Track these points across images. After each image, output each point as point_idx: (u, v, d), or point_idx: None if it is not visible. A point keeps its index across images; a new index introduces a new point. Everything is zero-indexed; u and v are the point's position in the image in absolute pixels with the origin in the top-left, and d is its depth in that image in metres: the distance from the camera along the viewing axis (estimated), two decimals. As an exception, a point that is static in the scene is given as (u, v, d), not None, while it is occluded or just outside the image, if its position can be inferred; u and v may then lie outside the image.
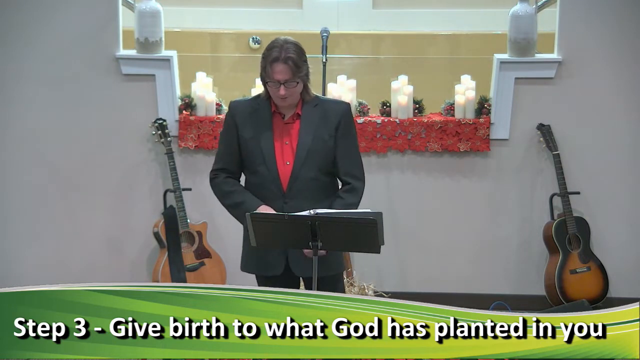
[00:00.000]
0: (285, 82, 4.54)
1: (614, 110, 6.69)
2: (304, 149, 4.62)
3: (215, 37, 6.96)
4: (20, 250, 6.82)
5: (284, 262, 4.69)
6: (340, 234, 4.37)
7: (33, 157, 6.75)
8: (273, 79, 4.55)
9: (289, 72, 4.53)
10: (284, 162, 4.64)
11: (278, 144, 4.65)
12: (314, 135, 4.62)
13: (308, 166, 4.62)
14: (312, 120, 4.64)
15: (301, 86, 4.61)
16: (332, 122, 4.63)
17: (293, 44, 4.58)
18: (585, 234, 6.69)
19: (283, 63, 4.52)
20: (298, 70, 4.55)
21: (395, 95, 6.67)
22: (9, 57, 6.64)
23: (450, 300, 6.82)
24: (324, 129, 4.63)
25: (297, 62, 4.54)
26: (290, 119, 4.66)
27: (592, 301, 6.43)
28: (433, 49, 6.95)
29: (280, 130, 4.66)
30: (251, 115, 4.68)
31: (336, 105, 4.69)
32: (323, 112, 4.64)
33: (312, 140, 4.62)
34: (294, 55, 4.54)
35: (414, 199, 6.80)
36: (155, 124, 6.64)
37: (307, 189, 4.63)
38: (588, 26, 6.61)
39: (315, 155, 4.62)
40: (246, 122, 4.67)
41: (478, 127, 6.67)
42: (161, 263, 6.60)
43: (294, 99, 4.62)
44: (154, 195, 6.77)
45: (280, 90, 4.55)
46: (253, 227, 4.42)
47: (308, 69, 4.63)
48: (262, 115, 4.67)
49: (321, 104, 4.67)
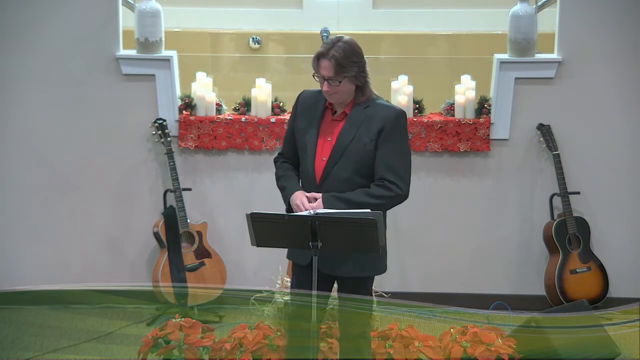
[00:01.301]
0: (328, 78, 4.57)
1: (614, 110, 6.69)
2: (341, 148, 4.63)
3: (215, 37, 6.95)
4: (20, 250, 6.82)
5: (310, 255, 4.66)
6: (340, 234, 4.37)
7: (33, 157, 6.75)
8: (318, 73, 4.62)
9: (331, 70, 4.57)
10: (321, 157, 4.67)
11: (321, 139, 4.68)
12: (354, 136, 4.63)
13: (342, 165, 4.62)
14: (356, 122, 4.64)
15: (348, 86, 4.61)
16: (375, 126, 4.62)
17: (345, 43, 4.61)
18: (585, 234, 6.69)
19: (327, 60, 4.58)
20: (341, 70, 4.57)
21: (395, 95, 6.67)
22: (9, 57, 6.64)
23: (450, 300, 6.83)
24: (365, 132, 4.62)
25: (341, 61, 4.56)
26: (338, 116, 4.69)
27: (592, 301, 6.43)
28: (433, 49, 6.95)
29: (327, 126, 4.70)
30: (309, 107, 4.74)
31: (385, 110, 4.65)
32: (371, 115, 4.64)
33: (351, 141, 4.63)
34: (338, 54, 4.56)
35: (414, 199, 6.76)
36: (155, 124, 6.64)
37: (339, 187, 4.63)
38: (588, 26, 6.61)
39: (350, 156, 4.62)
40: (304, 112, 4.75)
41: (478, 127, 6.67)
42: (161, 263, 6.60)
43: (340, 97, 4.64)
44: (154, 195, 6.77)
45: (324, 86, 4.61)
46: (253, 227, 4.42)
47: (362, 70, 4.62)
48: (317, 108, 4.72)
49: (373, 106, 4.66)
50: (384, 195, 4.60)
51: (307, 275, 4.68)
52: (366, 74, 4.65)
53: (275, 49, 6.95)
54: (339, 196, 4.57)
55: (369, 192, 4.60)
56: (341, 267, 4.65)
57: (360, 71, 4.62)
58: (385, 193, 4.60)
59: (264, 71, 6.85)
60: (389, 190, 4.61)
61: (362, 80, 4.64)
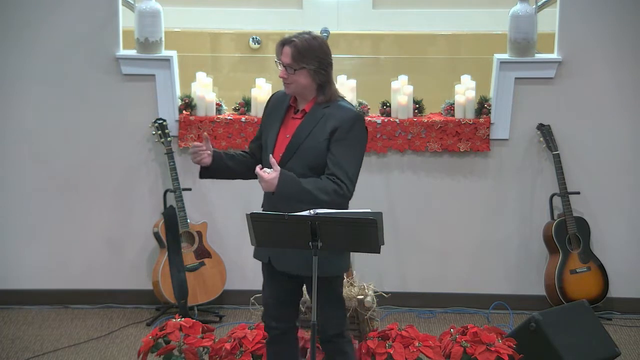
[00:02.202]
0: (286, 65, 4.62)
1: (614, 110, 6.69)
2: (295, 144, 4.67)
3: (215, 37, 6.95)
4: (20, 250, 6.82)
5: (268, 254, 4.76)
6: (340, 234, 4.37)
7: (33, 157, 6.75)
8: (279, 59, 4.66)
9: (289, 57, 4.61)
10: (278, 154, 4.70)
11: (281, 135, 4.72)
12: (309, 133, 4.65)
13: (296, 162, 4.65)
14: (313, 120, 4.67)
15: (306, 79, 4.63)
16: (330, 125, 4.64)
17: (312, 38, 4.64)
18: (585, 234, 6.69)
19: (288, 46, 4.62)
20: (299, 59, 4.59)
21: (395, 95, 6.67)
22: (8, 57, 6.64)
23: (450, 300, 6.84)
24: (320, 131, 4.65)
25: (301, 50, 4.59)
26: (299, 114, 4.73)
27: (592, 301, 6.43)
28: (433, 49, 6.95)
29: (287, 124, 4.74)
30: (276, 106, 4.80)
31: (342, 112, 4.67)
32: (328, 115, 4.66)
33: (306, 138, 4.65)
34: (300, 43, 4.60)
35: (414, 199, 6.80)
36: (155, 124, 6.64)
37: None
38: (588, 26, 6.61)
39: (304, 152, 4.65)
40: (271, 111, 4.82)
41: (478, 127, 6.67)
42: (161, 263, 6.60)
43: (296, 89, 4.67)
44: (154, 195, 6.77)
45: (281, 72, 4.65)
46: (253, 227, 4.43)
47: (323, 68, 4.64)
48: (282, 107, 4.78)
49: (333, 107, 4.68)
50: (333, 190, 4.58)
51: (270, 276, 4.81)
52: (328, 74, 4.66)
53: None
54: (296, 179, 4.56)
55: (321, 185, 4.57)
56: (304, 267, 4.65)
57: (320, 68, 4.63)
58: (335, 187, 4.58)
59: (264, 71, 6.85)
60: (337, 185, 4.59)
61: (322, 79, 4.65)
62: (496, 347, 5.35)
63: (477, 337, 5.39)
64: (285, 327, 4.88)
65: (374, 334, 5.47)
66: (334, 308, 4.80)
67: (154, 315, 6.68)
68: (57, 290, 6.84)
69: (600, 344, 5.68)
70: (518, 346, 5.46)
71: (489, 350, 5.33)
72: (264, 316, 4.93)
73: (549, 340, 5.51)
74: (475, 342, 5.37)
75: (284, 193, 4.53)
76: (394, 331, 5.45)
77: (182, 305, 6.49)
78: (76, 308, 6.82)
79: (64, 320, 6.63)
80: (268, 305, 4.89)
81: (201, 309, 6.67)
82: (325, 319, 4.71)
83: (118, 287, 6.86)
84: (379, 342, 5.41)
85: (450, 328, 5.54)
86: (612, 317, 6.72)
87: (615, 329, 6.55)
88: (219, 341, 5.48)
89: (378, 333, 5.48)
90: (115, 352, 6.17)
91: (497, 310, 6.76)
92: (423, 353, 5.37)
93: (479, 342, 5.37)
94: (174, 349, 5.39)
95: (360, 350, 5.43)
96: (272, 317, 4.88)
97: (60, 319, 6.66)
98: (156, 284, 6.61)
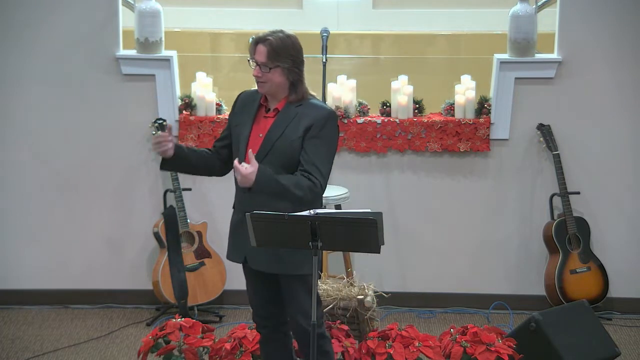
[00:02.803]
0: (260, 63, 4.61)
1: (614, 110, 6.69)
2: (269, 144, 4.66)
3: (215, 37, 6.95)
4: (20, 250, 6.82)
5: (244, 254, 4.75)
6: (340, 234, 4.37)
7: (33, 157, 6.75)
8: (253, 57, 4.64)
9: (264, 55, 4.60)
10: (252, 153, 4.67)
11: (253, 135, 4.71)
12: (282, 132, 4.65)
13: (269, 161, 4.64)
14: (286, 118, 4.67)
15: (280, 78, 4.62)
16: (304, 123, 4.64)
17: (285, 36, 4.63)
18: (585, 234, 6.69)
19: (262, 45, 4.60)
20: (275, 58, 4.59)
21: (395, 95, 6.67)
22: (9, 57, 6.64)
23: (450, 300, 6.84)
24: (294, 129, 4.65)
25: (276, 49, 4.58)
26: (271, 113, 4.72)
27: (592, 301, 6.43)
28: (433, 49, 6.94)
29: (259, 123, 4.73)
30: (246, 105, 4.78)
31: (315, 110, 4.67)
32: (301, 114, 4.66)
33: (279, 137, 4.65)
34: (275, 42, 4.59)
35: (414, 199, 6.80)
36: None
37: None
38: (588, 26, 6.61)
39: (277, 152, 4.65)
40: (241, 110, 4.79)
41: (478, 127, 6.67)
42: (161, 263, 6.60)
43: (270, 88, 4.66)
44: (154, 195, 6.77)
45: (255, 70, 4.64)
46: (253, 227, 4.42)
47: (297, 66, 4.64)
48: (252, 106, 4.76)
49: (305, 106, 4.68)
50: (309, 186, 4.60)
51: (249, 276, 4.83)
52: (300, 72, 4.66)
53: (275, 49, 6.94)
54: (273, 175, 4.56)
55: (296, 181, 4.59)
56: (278, 265, 4.68)
57: (294, 66, 4.63)
58: (310, 184, 4.60)
59: (264, 71, 6.84)
60: (312, 183, 4.61)
61: (295, 77, 4.65)
62: (496, 347, 5.35)
63: (477, 337, 5.39)
64: (275, 325, 4.87)
65: (374, 334, 5.47)
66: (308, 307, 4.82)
67: (154, 315, 6.68)
68: (57, 290, 6.84)
69: (600, 344, 5.68)
70: (518, 346, 5.46)
71: (489, 350, 5.33)
72: (253, 316, 4.94)
73: (549, 340, 5.51)
74: (475, 342, 5.37)
75: (261, 188, 4.53)
76: (394, 331, 5.45)
77: (182, 305, 6.49)
78: (76, 308, 6.82)
79: (64, 320, 6.63)
80: (254, 304, 4.89)
81: (201, 309, 6.67)
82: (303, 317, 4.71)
83: (118, 287, 6.86)
84: (379, 342, 5.41)
85: (450, 328, 5.55)
86: (612, 317, 6.72)
87: (615, 329, 6.55)
88: (219, 341, 5.48)
89: (378, 333, 5.48)
90: (115, 352, 6.17)
91: (497, 310, 6.76)
92: (423, 353, 5.37)
93: (479, 342, 5.37)
94: (174, 349, 5.40)
95: (360, 351, 5.43)
96: (260, 316, 4.89)
97: (60, 319, 6.66)
98: (156, 284, 6.61)
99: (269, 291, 4.83)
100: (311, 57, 6.70)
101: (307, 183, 4.60)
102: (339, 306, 5.58)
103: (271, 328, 4.89)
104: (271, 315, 4.87)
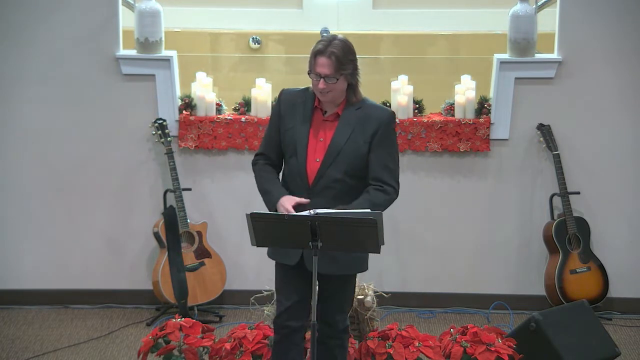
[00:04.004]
0: (325, 76, 4.56)
1: (614, 110, 6.69)
2: (336, 149, 4.64)
3: (215, 37, 6.95)
4: (20, 250, 6.82)
5: (299, 255, 4.71)
6: (340, 234, 4.37)
7: (33, 157, 6.75)
8: (315, 71, 4.59)
9: (330, 67, 4.56)
10: (314, 159, 4.67)
11: (313, 139, 4.68)
12: (349, 137, 4.64)
13: (336, 166, 4.64)
14: (350, 123, 4.65)
15: (344, 84, 4.63)
16: (370, 128, 4.64)
17: (341, 41, 4.61)
18: (585, 234, 6.69)
19: (326, 57, 4.56)
20: (340, 67, 4.57)
21: (395, 95, 6.67)
22: (9, 57, 6.64)
23: (450, 300, 6.84)
24: (360, 133, 4.64)
25: (340, 58, 4.56)
26: (330, 116, 4.69)
27: (592, 301, 6.43)
28: (433, 49, 6.94)
29: (318, 126, 4.69)
30: (295, 107, 4.72)
31: (379, 112, 4.68)
32: (364, 117, 4.65)
33: (346, 142, 4.64)
34: (337, 52, 4.57)
35: (414, 199, 6.80)
36: (155, 124, 6.64)
37: (331, 188, 4.65)
38: (588, 26, 6.61)
39: (345, 157, 4.64)
40: (289, 112, 4.72)
41: (478, 127, 6.67)
42: (161, 263, 6.60)
43: (335, 96, 4.64)
44: (154, 195, 6.77)
45: (320, 83, 4.58)
46: (253, 227, 4.43)
47: (356, 69, 4.65)
48: (305, 108, 4.71)
49: (365, 108, 4.68)
50: (385, 200, 4.66)
51: (295, 276, 4.74)
52: (358, 74, 4.67)
53: (275, 49, 6.95)
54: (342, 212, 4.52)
55: (369, 198, 4.62)
56: (329, 265, 4.66)
57: (355, 69, 4.64)
58: (386, 197, 4.66)
59: (264, 71, 6.85)
60: (387, 194, 4.66)
61: (356, 80, 4.66)
62: (496, 347, 5.35)
63: (477, 337, 5.39)
64: (300, 326, 4.84)
65: (374, 334, 5.47)
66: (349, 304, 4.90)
67: (154, 315, 6.68)
68: (57, 290, 6.84)
69: (600, 344, 5.68)
70: (518, 346, 5.46)
71: (489, 350, 5.33)
72: (281, 316, 4.81)
73: (549, 340, 5.51)
74: (475, 342, 5.37)
75: None
76: (394, 331, 5.45)
77: (182, 305, 6.49)
78: (76, 308, 6.82)
79: (64, 320, 6.63)
80: (291, 305, 4.78)
81: (201, 309, 6.67)
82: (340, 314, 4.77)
83: (118, 287, 6.85)
84: (379, 342, 5.41)
85: (450, 328, 5.55)
86: (612, 317, 6.72)
87: (615, 329, 6.55)
88: (219, 341, 5.48)
89: (378, 333, 5.48)
90: (115, 352, 6.17)
91: (497, 310, 6.76)
92: (423, 353, 5.37)
93: (479, 342, 5.37)
94: (174, 349, 5.40)
95: (360, 351, 5.43)
96: (293, 317, 4.78)
97: (60, 319, 6.66)
98: (156, 284, 6.61)
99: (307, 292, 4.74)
100: (311, 57, 6.71)
101: (382, 198, 4.63)
102: (339, 306, 5.57)
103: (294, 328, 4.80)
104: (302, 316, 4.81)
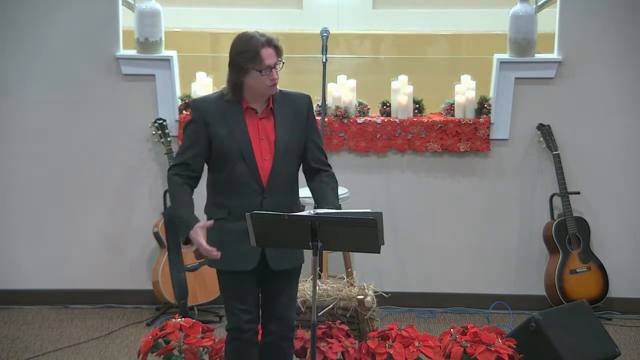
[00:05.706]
0: (274, 65, 4.58)
1: (614, 110, 6.69)
2: (283, 145, 4.65)
3: (215, 37, 6.95)
4: (21, 250, 6.82)
5: (258, 257, 4.66)
6: (340, 234, 4.37)
7: (33, 157, 6.75)
8: (264, 65, 4.56)
9: (275, 55, 4.59)
10: (263, 158, 4.65)
11: (255, 140, 4.66)
12: (290, 130, 4.66)
13: (287, 161, 4.66)
14: (286, 115, 4.67)
15: None
16: (301, 114, 4.69)
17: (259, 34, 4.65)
18: (585, 234, 6.69)
19: (271, 48, 4.58)
20: (278, 53, 4.62)
21: (395, 95, 6.67)
22: (9, 57, 6.64)
23: (450, 300, 6.84)
24: (297, 123, 4.69)
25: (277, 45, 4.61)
26: (263, 114, 4.68)
27: (592, 301, 6.43)
28: (433, 49, 6.95)
29: (255, 126, 4.67)
30: (222, 113, 4.65)
31: (300, 97, 4.73)
32: (293, 106, 4.69)
33: (290, 136, 4.66)
34: (271, 39, 4.60)
35: (414, 199, 6.80)
36: (155, 124, 6.64)
37: (284, 183, 4.67)
38: (588, 26, 6.61)
39: (292, 150, 4.67)
40: (217, 119, 4.64)
41: (478, 127, 6.67)
42: (161, 263, 6.60)
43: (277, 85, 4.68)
44: (154, 195, 6.77)
45: (275, 74, 4.59)
46: (253, 227, 4.42)
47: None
48: (234, 112, 4.65)
49: (286, 96, 4.71)
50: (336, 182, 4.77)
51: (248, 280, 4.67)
52: None
53: (275, 49, 6.94)
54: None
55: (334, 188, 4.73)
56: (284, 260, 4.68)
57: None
58: (335, 178, 4.77)
59: (263, 71, 6.84)
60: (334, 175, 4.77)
61: None
62: (496, 347, 5.35)
63: (477, 337, 5.39)
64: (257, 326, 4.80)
65: (374, 334, 5.47)
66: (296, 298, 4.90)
67: (154, 315, 6.68)
68: (57, 290, 6.84)
69: (600, 344, 5.68)
70: (518, 346, 5.46)
71: (489, 350, 5.33)
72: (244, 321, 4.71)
73: (549, 340, 5.51)
74: (475, 342, 5.37)
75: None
76: (394, 331, 5.45)
77: (182, 305, 6.49)
78: (76, 308, 6.82)
79: (64, 320, 6.63)
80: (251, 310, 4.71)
81: (201, 309, 6.67)
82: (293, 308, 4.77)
83: (118, 287, 6.85)
84: (379, 342, 5.41)
85: (450, 328, 5.54)
86: (612, 317, 6.72)
87: (615, 329, 6.55)
88: (219, 341, 5.48)
89: (378, 333, 5.47)
90: (115, 352, 6.17)
91: (497, 310, 6.76)
92: (423, 353, 5.37)
93: (479, 342, 5.37)
94: (174, 349, 5.39)
95: (360, 351, 5.43)
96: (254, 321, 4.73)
97: (60, 319, 6.66)
98: (156, 284, 6.61)
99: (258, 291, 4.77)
100: (311, 57, 6.74)
101: (334, 180, 4.75)
102: (339, 306, 5.58)
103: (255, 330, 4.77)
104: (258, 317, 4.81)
